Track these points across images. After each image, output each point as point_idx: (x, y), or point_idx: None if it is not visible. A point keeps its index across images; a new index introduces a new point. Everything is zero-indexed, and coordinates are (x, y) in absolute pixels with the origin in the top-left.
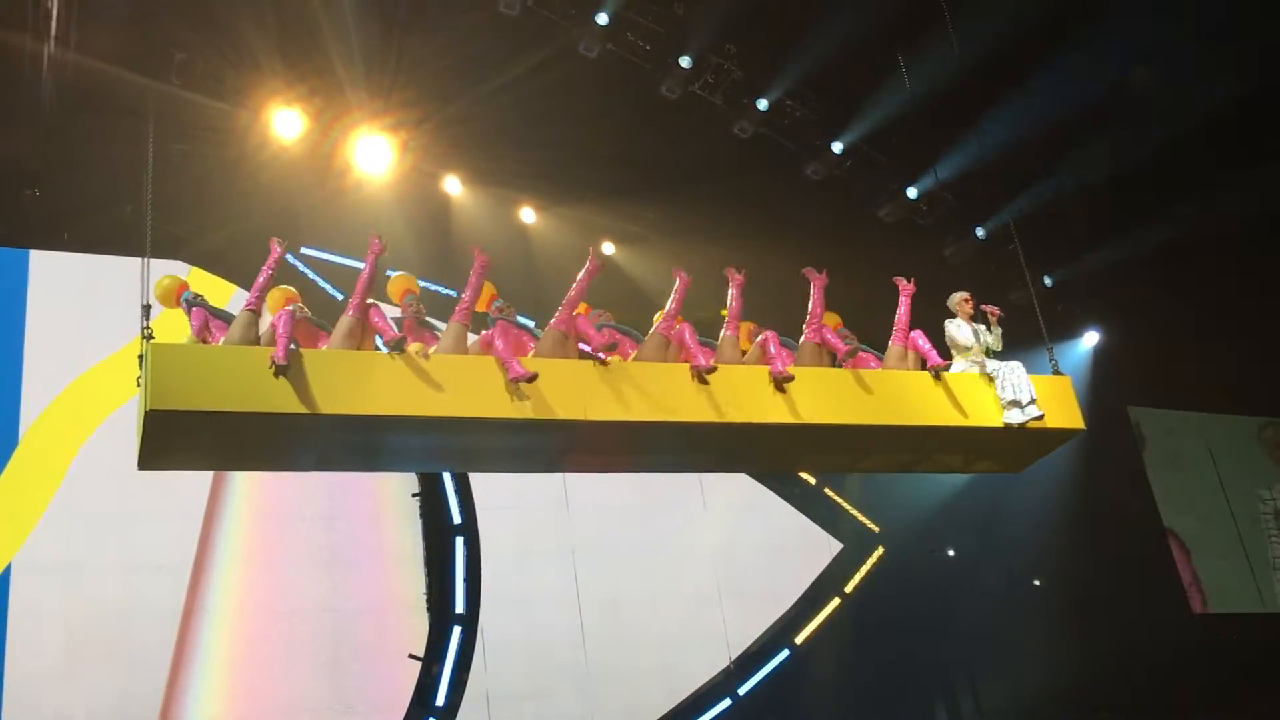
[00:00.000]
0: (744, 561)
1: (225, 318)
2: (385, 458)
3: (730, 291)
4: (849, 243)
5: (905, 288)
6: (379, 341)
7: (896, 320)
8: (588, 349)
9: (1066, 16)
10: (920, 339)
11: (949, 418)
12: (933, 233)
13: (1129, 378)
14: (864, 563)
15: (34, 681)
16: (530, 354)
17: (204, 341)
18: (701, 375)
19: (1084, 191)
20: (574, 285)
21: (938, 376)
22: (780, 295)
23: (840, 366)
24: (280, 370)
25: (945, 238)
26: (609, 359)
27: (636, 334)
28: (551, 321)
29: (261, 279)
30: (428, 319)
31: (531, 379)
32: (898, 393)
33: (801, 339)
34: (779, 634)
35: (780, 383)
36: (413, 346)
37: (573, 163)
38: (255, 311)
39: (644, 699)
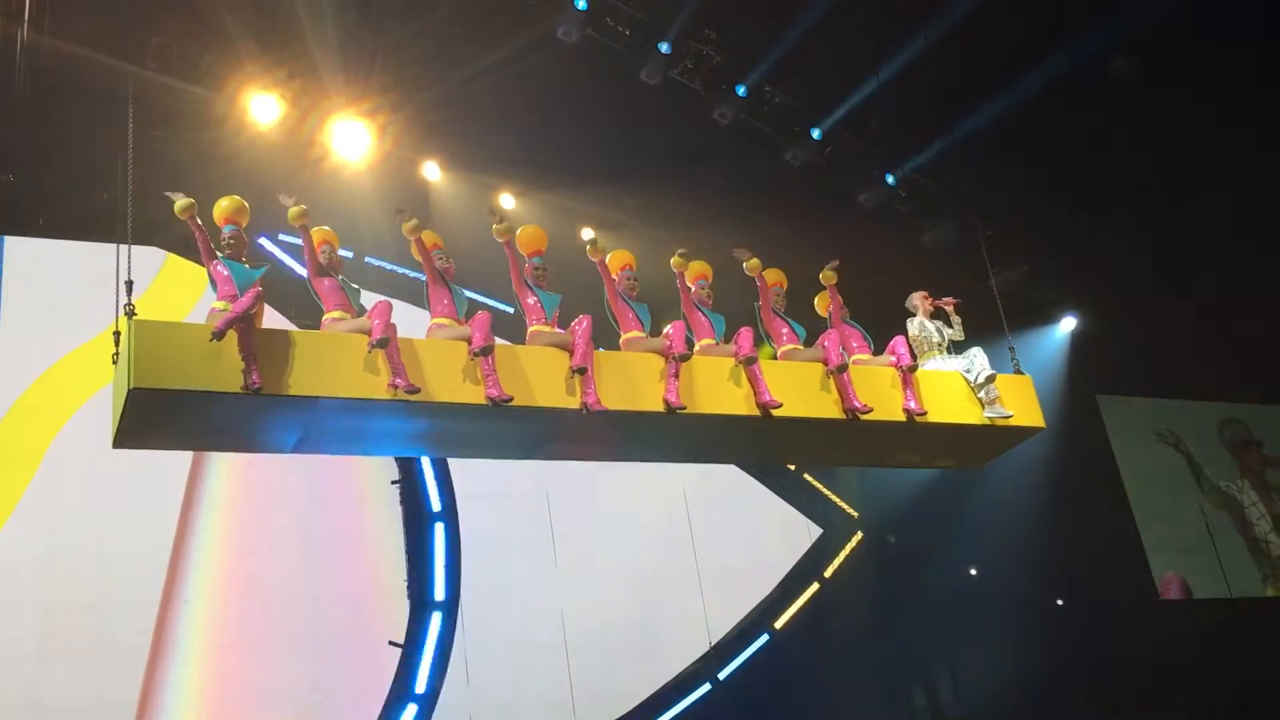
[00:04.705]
0: (724, 546)
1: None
2: (368, 441)
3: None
4: (828, 228)
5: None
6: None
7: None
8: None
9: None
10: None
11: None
12: (912, 218)
13: (1105, 364)
14: (843, 548)
15: (10, 670)
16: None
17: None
18: (767, 411)
19: (1063, 177)
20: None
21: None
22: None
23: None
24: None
25: (924, 223)
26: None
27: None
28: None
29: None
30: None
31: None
32: (866, 389)
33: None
34: (759, 619)
35: (768, 409)
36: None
37: (552, 148)
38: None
39: (624, 684)
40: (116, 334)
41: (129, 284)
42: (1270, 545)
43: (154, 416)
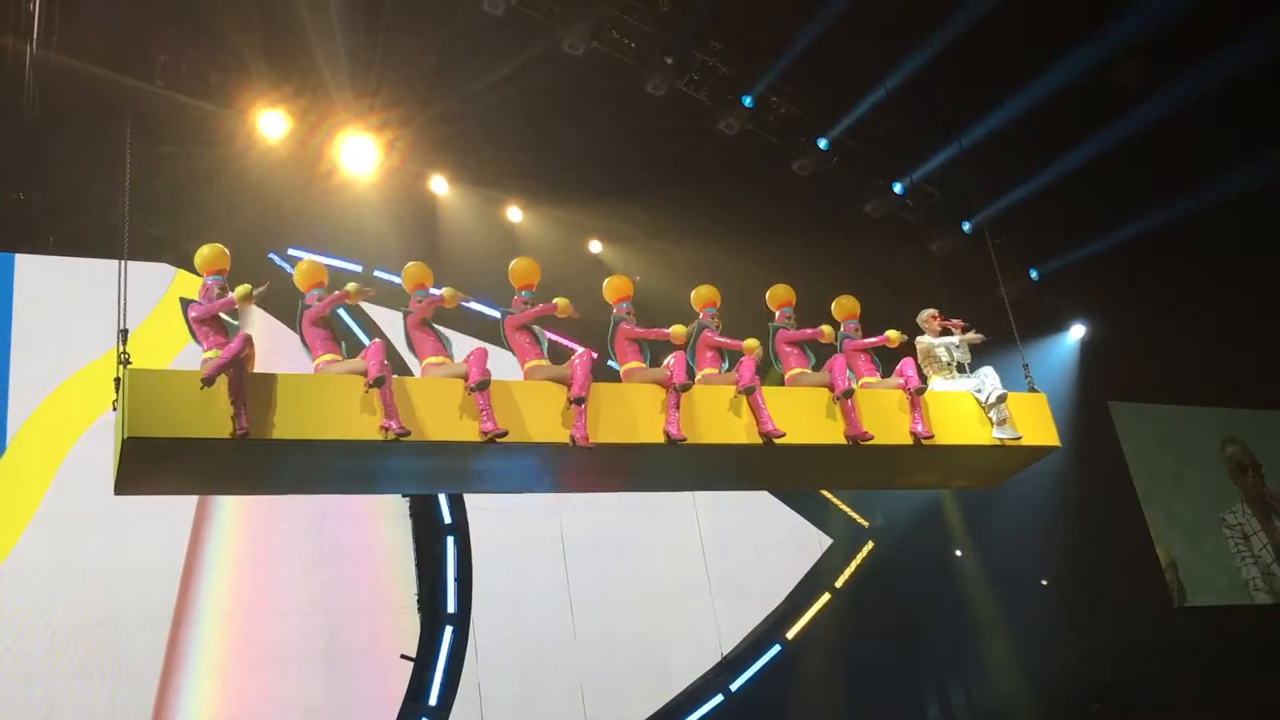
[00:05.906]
0: (734, 557)
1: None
2: (368, 481)
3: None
4: (835, 239)
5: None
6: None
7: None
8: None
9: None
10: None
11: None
12: (919, 228)
13: (1114, 371)
14: (854, 558)
15: (22, 687)
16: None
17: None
18: (770, 440)
19: (1071, 183)
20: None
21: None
22: (765, 294)
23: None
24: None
25: (932, 232)
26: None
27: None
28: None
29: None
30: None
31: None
32: (874, 412)
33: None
34: (770, 629)
35: (771, 439)
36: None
37: (559, 161)
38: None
39: (636, 696)
40: (117, 380)
41: (124, 332)
42: (1274, 579)
43: (151, 464)
